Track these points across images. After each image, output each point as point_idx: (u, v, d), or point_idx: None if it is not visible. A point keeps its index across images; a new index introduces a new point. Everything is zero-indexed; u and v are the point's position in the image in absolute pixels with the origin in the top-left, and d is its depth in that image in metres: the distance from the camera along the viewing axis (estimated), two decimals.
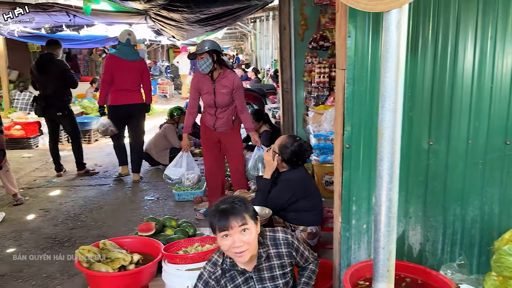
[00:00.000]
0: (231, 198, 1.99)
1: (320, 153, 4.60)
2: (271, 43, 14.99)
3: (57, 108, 5.80)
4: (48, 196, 5.21)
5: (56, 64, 5.73)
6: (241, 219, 1.89)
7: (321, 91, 5.18)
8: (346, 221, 2.43)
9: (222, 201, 2.00)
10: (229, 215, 1.89)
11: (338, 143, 2.38)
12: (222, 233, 1.89)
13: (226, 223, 1.88)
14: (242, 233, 1.90)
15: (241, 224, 1.88)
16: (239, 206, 1.92)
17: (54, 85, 5.70)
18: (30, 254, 3.67)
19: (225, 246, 1.91)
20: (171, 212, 4.58)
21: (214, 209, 1.96)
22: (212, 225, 1.94)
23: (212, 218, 1.93)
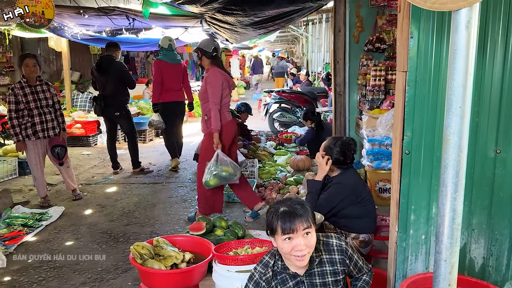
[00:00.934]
0: (290, 201, 1.94)
1: (374, 158, 4.46)
2: (324, 46, 14.82)
3: (115, 108, 6.08)
4: (105, 193, 5.44)
5: (115, 65, 6.02)
6: (306, 221, 1.85)
7: (376, 94, 5.02)
8: (403, 231, 2.33)
9: (280, 203, 1.96)
10: (294, 217, 1.85)
11: (397, 149, 2.29)
12: (285, 235, 1.85)
13: (292, 225, 1.84)
14: (305, 237, 1.86)
15: (305, 227, 1.85)
16: (301, 209, 1.88)
17: (112, 85, 5.98)
18: (87, 247, 3.84)
19: (286, 249, 1.87)
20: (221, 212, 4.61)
21: (273, 211, 1.93)
22: (273, 227, 1.90)
23: (274, 220, 1.89)
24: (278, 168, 5.96)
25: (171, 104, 6.19)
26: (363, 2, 5.36)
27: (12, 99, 4.58)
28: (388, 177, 4.55)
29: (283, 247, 1.87)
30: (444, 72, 2.12)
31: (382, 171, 4.50)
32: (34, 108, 4.61)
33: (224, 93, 4.22)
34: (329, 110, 7.21)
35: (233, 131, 4.35)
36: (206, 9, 5.43)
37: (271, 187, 5.14)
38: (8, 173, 5.88)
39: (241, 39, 7.67)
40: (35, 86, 4.66)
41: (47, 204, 4.85)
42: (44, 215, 4.49)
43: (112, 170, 6.32)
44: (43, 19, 4.71)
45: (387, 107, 4.86)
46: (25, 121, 4.62)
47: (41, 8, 4.66)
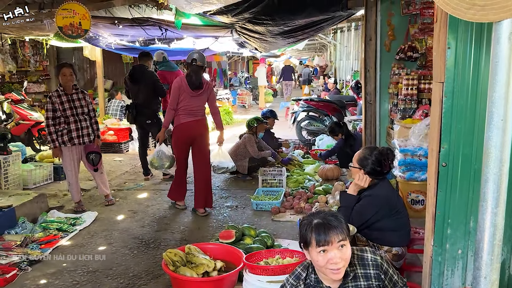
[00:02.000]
0: (324, 213, 1.93)
1: (406, 169, 4.38)
2: (352, 54, 14.71)
3: (147, 116, 6.20)
4: (136, 198, 5.54)
5: (147, 75, 6.16)
6: (341, 233, 1.83)
7: (409, 103, 4.94)
8: (439, 245, 2.27)
9: (314, 215, 1.94)
10: (330, 229, 1.83)
11: (433, 161, 2.24)
12: (320, 248, 1.83)
13: (327, 237, 1.82)
14: (340, 249, 1.83)
15: (340, 240, 1.82)
16: (335, 221, 1.87)
17: (144, 94, 6.12)
18: (119, 252, 3.92)
19: (321, 261, 1.84)
20: (249, 220, 4.63)
21: (307, 223, 1.91)
22: (307, 239, 1.88)
23: (308, 232, 1.88)
24: (306, 177, 5.93)
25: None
26: (395, 10, 5.30)
27: (49, 106, 4.76)
28: (421, 188, 4.46)
29: (318, 259, 1.85)
30: (482, 83, 2.07)
31: (415, 182, 4.41)
32: (70, 115, 4.77)
33: (180, 98, 4.82)
34: (358, 119, 7.13)
35: (189, 131, 4.91)
36: (237, 19, 5.51)
37: (299, 196, 5.12)
38: (43, 178, 6.09)
39: (270, 48, 7.73)
40: (71, 94, 4.82)
41: (81, 209, 4.98)
42: (78, 220, 4.62)
43: (143, 177, 6.43)
44: (80, 29, 4.90)
45: (420, 117, 4.77)
46: (61, 128, 4.78)
47: (78, 19, 4.85)
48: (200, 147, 5.00)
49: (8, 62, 9.55)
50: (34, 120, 7.81)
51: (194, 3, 3.69)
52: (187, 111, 4.86)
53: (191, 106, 4.86)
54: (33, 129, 7.91)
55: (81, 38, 5.14)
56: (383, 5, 5.32)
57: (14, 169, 5.62)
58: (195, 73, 4.82)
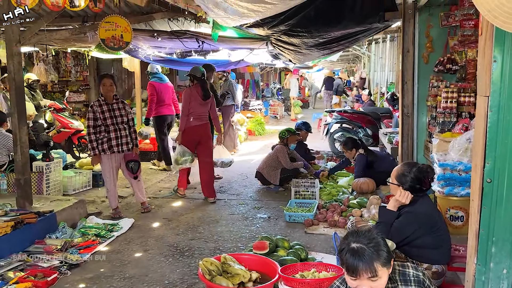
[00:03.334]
0: (364, 238, 1.85)
1: (445, 184, 4.25)
2: (387, 65, 14.51)
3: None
4: (171, 206, 5.64)
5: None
6: (371, 271, 1.77)
7: (448, 117, 4.82)
8: (483, 264, 2.20)
9: (355, 235, 1.89)
10: (359, 263, 1.77)
11: (477, 177, 2.18)
12: (348, 275, 1.82)
13: (355, 271, 1.79)
14: (372, 281, 1.80)
15: (370, 276, 1.78)
16: (371, 253, 1.79)
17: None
18: (154, 259, 3.99)
19: (352, 285, 1.84)
20: (282, 232, 4.61)
21: (346, 242, 1.88)
22: (342, 259, 1.87)
23: (343, 253, 1.86)
24: (340, 189, 5.86)
25: (165, 116, 7.45)
26: (434, 22, 5.22)
27: (90, 115, 4.93)
28: (461, 204, 4.32)
29: (349, 282, 1.85)
30: None
31: (454, 198, 4.28)
32: (110, 124, 4.93)
33: (191, 106, 5.70)
34: (394, 132, 6.99)
35: (197, 133, 5.80)
36: (272, 31, 5.56)
37: (333, 209, 5.06)
38: (83, 184, 6.29)
39: (304, 59, 7.74)
40: (112, 104, 4.98)
41: (118, 215, 5.11)
42: (115, 226, 4.73)
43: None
44: (122, 42, 5.06)
45: (460, 131, 4.65)
46: (101, 136, 4.94)
47: (120, 32, 5.01)
48: (205, 146, 5.91)
49: (51, 72, 10.00)
50: (75, 129, 8.11)
51: (233, 16, 3.77)
52: (196, 116, 5.74)
53: (199, 112, 5.78)
54: (73, 137, 8.21)
55: (122, 50, 5.31)
56: (422, 17, 5.24)
57: (55, 175, 5.83)
58: (205, 85, 5.83)
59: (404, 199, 2.84)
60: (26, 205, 4.61)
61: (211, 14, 4.09)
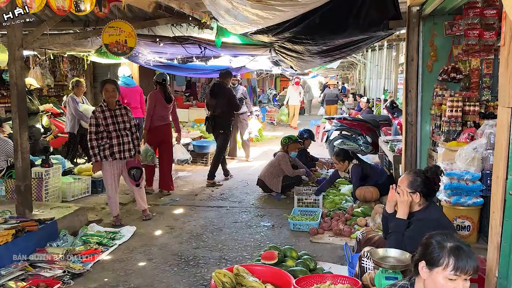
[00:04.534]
0: (456, 238, 1.90)
1: (452, 193, 4.24)
2: (384, 73, 14.57)
3: (222, 126, 7.15)
4: (173, 214, 5.56)
5: (225, 91, 7.09)
6: (474, 269, 1.82)
7: (453, 126, 4.81)
8: (504, 277, 2.17)
9: (444, 235, 1.92)
10: (471, 259, 1.81)
11: (499, 189, 2.16)
12: (453, 275, 1.79)
13: (467, 267, 1.79)
14: (466, 282, 1.82)
15: (471, 274, 1.82)
16: (472, 252, 1.85)
17: (221, 107, 7.05)
18: (159, 269, 3.91)
19: (446, 284, 1.81)
20: (287, 241, 4.56)
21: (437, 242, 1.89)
22: (439, 260, 1.84)
23: (443, 253, 1.84)
24: (344, 197, 5.83)
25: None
26: (438, 31, 5.22)
27: (93, 121, 4.86)
28: (468, 213, 4.31)
29: (442, 284, 1.81)
30: None
31: (461, 207, 4.27)
32: (112, 130, 4.86)
33: (156, 108, 6.36)
34: (395, 139, 6.99)
35: (160, 132, 6.45)
36: (277, 38, 5.54)
37: (337, 218, 5.02)
38: (82, 191, 6.19)
39: (306, 66, 7.74)
40: (114, 110, 4.92)
41: (119, 223, 5.02)
42: (117, 234, 4.65)
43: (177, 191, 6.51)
44: (126, 47, 5.02)
45: (466, 140, 4.64)
46: (103, 143, 4.87)
47: (124, 37, 4.96)
48: (167, 144, 6.62)
49: (47, 77, 9.89)
50: None
51: (242, 23, 3.74)
52: (159, 117, 6.41)
53: (162, 113, 6.45)
54: None
55: (126, 56, 5.25)
56: (426, 26, 5.25)
57: (54, 181, 5.73)
58: (166, 90, 6.54)
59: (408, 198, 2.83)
60: (26, 212, 4.50)
61: (221, 20, 4.06)
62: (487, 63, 5.22)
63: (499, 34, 4.91)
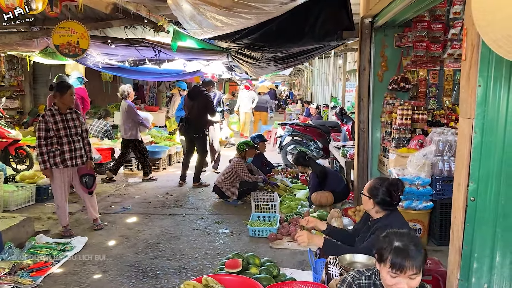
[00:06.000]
0: (407, 238, 1.95)
1: (404, 198, 4.43)
2: (331, 80, 15.04)
3: (196, 130, 7.21)
4: (126, 223, 5.36)
5: (202, 95, 7.28)
6: (417, 268, 1.87)
7: (403, 133, 5.06)
8: (465, 279, 2.30)
9: (398, 235, 1.97)
10: (407, 260, 1.87)
11: (461, 195, 2.28)
12: (390, 270, 1.89)
13: (402, 267, 1.86)
14: (410, 279, 1.89)
15: (414, 273, 1.88)
16: (419, 252, 1.90)
17: (197, 110, 7.16)
18: (116, 281, 3.74)
19: (388, 282, 1.91)
20: (247, 247, 4.55)
21: (388, 240, 1.95)
22: (383, 256, 1.93)
23: (386, 250, 1.92)
24: (299, 202, 5.92)
25: None
26: (388, 42, 5.47)
27: (42, 126, 4.57)
28: (419, 217, 4.54)
29: (386, 278, 1.92)
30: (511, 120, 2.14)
31: (412, 211, 4.48)
32: (63, 136, 4.60)
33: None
34: (346, 145, 7.22)
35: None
36: (235, 44, 5.54)
37: (295, 223, 5.08)
38: (25, 200, 5.79)
39: (261, 72, 7.80)
40: (65, 114, 4.66)
41: (68, 233, 4.76)
42: (68, 246, 4.40)
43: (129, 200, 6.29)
44: (78, 49, 4.79)
45: (415, 147, 4.89)
46: (53, 149, 4.60)
47: (76, 38, 4.73)
48: None
49: None
50: (12, 138, 7.50)
51: (206, 29, 3.69)
52: None
53: None
54: (10, 148, 7.58)
55: (78, 58, 5.00)
56: (377, 37, 5.48)
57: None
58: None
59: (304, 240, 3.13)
60: None
61: (185, 26, 3.99)
62: (433, 74, 5.54)
63: (445, 46, 5.27)
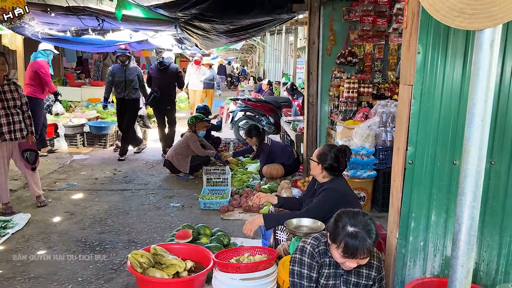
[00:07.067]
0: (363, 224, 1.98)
1: (349, 168, 4.60)
2: (283, 57, 15.09)
3: (167, 102, 7.34)
4: (71, 199, 5.18)
5: (172, 67, 7.38)
6: (367, 255, 1.95)
7: (350, 106, 5.21)
8: (403, 238, 2.43)
9: (353, 217, 2.00)
10: (359, 248, 1.92)
11: (400, 159, 2.39)
12: (342, 254, 1.95)
13: (354, 255, 1.93)
14: (360, 259, 1.97)
15: (363, 257, 1.95)
16: (369, 239, 1.95)
17: (167, 83, 7.25)
18: (62, 256, 3.63)
19: (338, 259, 1.98)
20: (198, 220, 4.54)
21: (343, 224, 1.98)
22: (336, 238, 1.97)
23: (340, 234, 1.96)
24: (251, 175, 5.97)
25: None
26: (337, 16, 5.53)
27: None
28: (363, 185, 4.73)
29: (336, 257, 1.98)
30: (447, 86, 2.25)
31: (357, 180, 4.66)
32: (1, 108, 4.32)
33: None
34: (296, 120, 7.32)
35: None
36: (183, 14, 5.39)
37: (246, 195, 5.14)
38: None
39: (212, 45, 7.68)
40: (2, 86, 4.37)
41: (10, 211, 4.54)
42: (9, 223, 4.20)
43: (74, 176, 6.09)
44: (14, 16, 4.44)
45: (361, 119, 5.05)
46: None
47: (11, 3, 4.39)
48: None
49: None
50: None
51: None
52: None
53: None
54: None
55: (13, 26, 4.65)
56: (326, 10, 5.52)
57: None
58: None
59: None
60: None
61: None
62: (379, 48, 5.70)
63: (390, 21, 5.41)
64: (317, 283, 2.08)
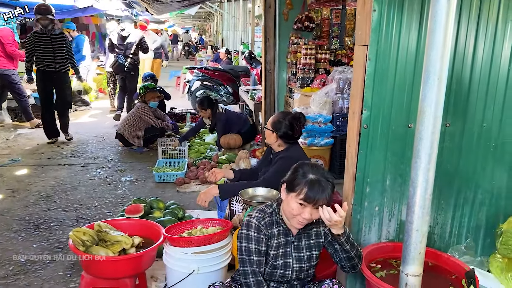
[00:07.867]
0: (321, 171, 1.93)
1: (307, 135, 4.53)
2: (241, 25, 14.71)
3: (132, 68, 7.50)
4: (15, 176, 4.84)
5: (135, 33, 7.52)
6: (327, 200, 1.88)
7: (307, 73, 5.10)
8: (359, 203, 2.38)
9: (310, 167, 1.95)
10: (322, 193, 1.86)
11: (355, 123, 2.30)
12: (303, 202, 1.87)
13: (316, 199, 1.85)
14: (314, 210, 1.89)
15: (322, 204, 1.87)
16: (330, 186, 1.90)
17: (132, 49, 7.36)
18: (3, 236, 3.39)
19: (295, 211, 1.89)
20: (152, 193, 4.37)
21: (302, 172, 1.92)
22: (296, 187, 1.89)
23: (301, 182, 1.89)
24: (208, 146, 5.81)
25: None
26: None
27: None
28: (320, 153, 4.69)
29: (293, 208, 1.90)
30: (403, 46, 2.16)
31: (315, 148, 4.61)
32: None
33: None
34: (255, 89, 7.16)
35: None
36: None
37: (203, 166, 5.00)
38: None
39: (163, 10, 7.30)
40: None
41: None
42: None
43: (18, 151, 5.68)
44: None
45: (318, 86, 4.96)
46: None
47: None
48: None
49: None
50: None
51: None
52: None
53: None
54: None
55: None
56: None
57: None
58: None
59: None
60: None
61: None
62: (336, 13, 5.58)
63: None
64: (267, 255, 1.99)
